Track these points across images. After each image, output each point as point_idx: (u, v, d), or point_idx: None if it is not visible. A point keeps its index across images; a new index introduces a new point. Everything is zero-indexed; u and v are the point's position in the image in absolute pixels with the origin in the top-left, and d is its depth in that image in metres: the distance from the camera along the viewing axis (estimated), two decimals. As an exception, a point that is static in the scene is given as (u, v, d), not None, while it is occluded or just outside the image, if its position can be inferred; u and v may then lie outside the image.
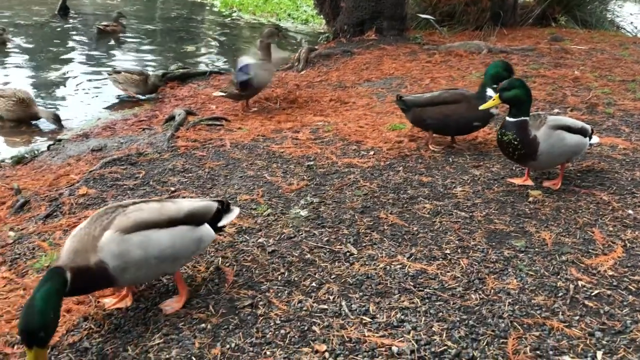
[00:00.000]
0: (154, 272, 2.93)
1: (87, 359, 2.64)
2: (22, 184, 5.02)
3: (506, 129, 4.12)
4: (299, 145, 5.59)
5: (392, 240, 3.69)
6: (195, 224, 2.99)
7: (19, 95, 7.20)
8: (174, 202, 3.04)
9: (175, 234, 2.88)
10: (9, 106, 7.20)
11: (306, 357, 2.61)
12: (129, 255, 2.71)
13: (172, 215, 2.90)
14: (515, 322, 2.84)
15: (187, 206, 3.01)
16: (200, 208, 3.05)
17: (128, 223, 2.75)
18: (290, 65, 10.38)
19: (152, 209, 2.87)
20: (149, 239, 2.78)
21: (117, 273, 2.69)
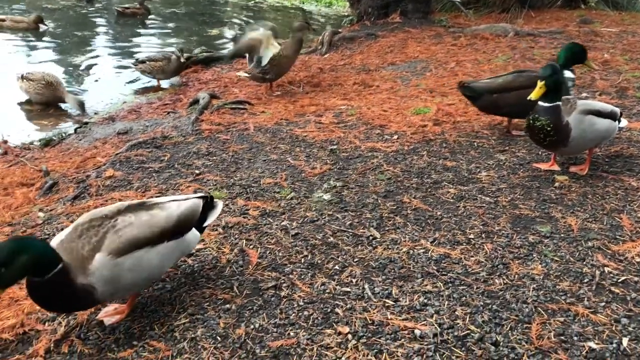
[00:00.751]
0: (133, 291, 2.80)
1: (114, 337, 2.70)
2: (51, 166, 5.12)
3: (540, 115, 4.02)
4: (322, 129, 5.58)
5: (415, 224, 3.68)
6: (184, 231, 2.86)
7: (47, 78, 7.32)
8: (162, 207, 2.83)
9: (166, 252, 2.76)
10: (38, 89, 7.32)
11: (329, 339, 2.63)
12: (120, 280, 2.57)
13: (162, 227, 2.74)
14: (540, 307, 2.83)
15: (176, 212, 2.83)
16: (188, 212, 2.88)
17: (120, 244, 2.57)
18: (314, 49, 10.34)
19: (142, 223, 2.68)
20: (140, 262, 2.64)
21: (103, 296, 2.56)
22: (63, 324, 2.78)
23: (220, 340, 2.64)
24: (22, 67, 8.85)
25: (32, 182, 4.85)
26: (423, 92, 6.74)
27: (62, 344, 2.64)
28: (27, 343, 2.66)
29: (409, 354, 2.53)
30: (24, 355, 2.56)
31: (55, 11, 14.09)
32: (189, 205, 2.91)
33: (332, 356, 2.53)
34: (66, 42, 11.44)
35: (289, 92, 7.31)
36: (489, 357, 2.50)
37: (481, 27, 10.44)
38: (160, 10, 15.39)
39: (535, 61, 7.94)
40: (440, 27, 10.96)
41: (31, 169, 5.14)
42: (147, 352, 2.58)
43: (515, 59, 8.17)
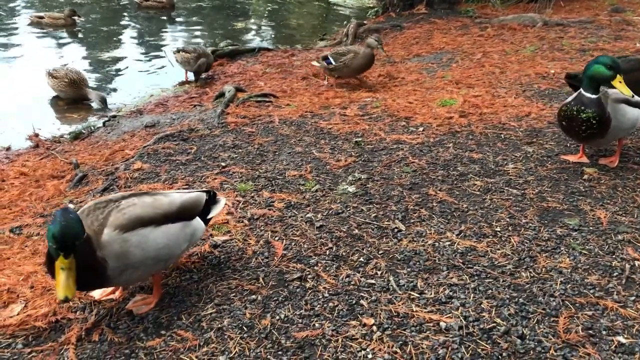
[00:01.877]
0: (147, 273, 2.81)
1: (143, 327, 2.75)
2: (80, 159, 5.22)
3: (587, 106, 3.91)
4: (346, 121, 5.58)
5: (441, 217, 3.66)
6: (188, 218, 2.92)
7: (70, 76, 7.42)
8: (166, 195, 2.93)
9: (171, 232, 2.80)
10: (62, 87, 7.45)
11: (354, 330, 2.65)
12: (129, 257, 2.61)
13: (166, 210, 2.80)
14: (567, 301, 2.79)
15: (179, 199, 2.91)
16: (191, 200, 2.96)
17: (124, 220, 2.62)
18: (339, 41, 10.32)
19: (145, 204, 2.76)
20: (146, 239, 2.67)
21: (114, 274, 2.59)
22: (94, 313, 2.84)
23: (246, 331, 2.67)
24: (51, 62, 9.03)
25: (62, 174, 4.95)
26: (449, 84, 6.67)
27: (92, 332, 2.70)
28: (60, 331, 2.72)
29: (434, 346, 2.53)
30: (56, 342, 2.63)
31: (84, 6, 14.30)
32: (192, 195, 3.01)
33: (357, 347, 2.54)
34: (94, 36, 11.61)
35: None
36: (515, 350, 2.49)
37: (509, 18, 10.29)
38: (186, 3, 15.50)
39: (564, 52, 7.80)
40: (466, 18, 10.83)
41: (61, 162, 5.25)
42: (174, 342, 2.62)
43: (543, 49, 8.04)
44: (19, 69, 9.10)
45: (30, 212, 4.12)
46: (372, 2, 14.84)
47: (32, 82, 8.13)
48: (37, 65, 8.68)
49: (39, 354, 2.57)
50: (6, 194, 4.52)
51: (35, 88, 7.94)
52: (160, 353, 2.56)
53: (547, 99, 5.91)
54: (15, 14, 13.30)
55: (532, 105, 5.71)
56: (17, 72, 8.89)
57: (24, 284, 3.07)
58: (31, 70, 8.65)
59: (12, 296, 2.97)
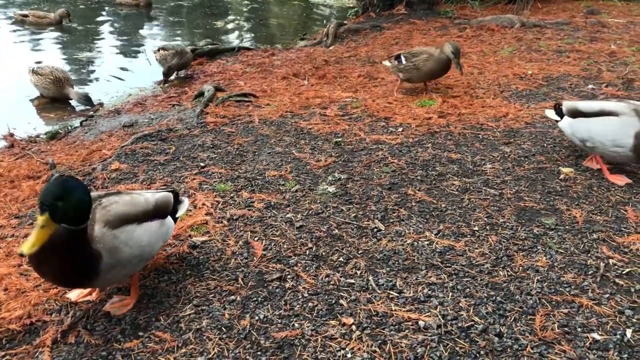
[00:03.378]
0: (130, 271, 2.80)
1: (120, 328, 2.72)
2: (57, 159, 5.14)
3: None
4: (327, 121, 5.58)
5: (419, 216, 3.68)
6: (162, 216, 2.95)
7: (55, 74, 7.32)
8: (139, 194, 2.95)
9: (152, 230, 2.83)
10: (46, 84, 7.34)
11: (333, 330, 2.65)
12: (119, 253, 2.61)
13: (144, 208, 2.83)
14: (544, 299, 2.83)
15: (152, 198, 2.93)
16: (164, 199, 2.99)
17: (110, 217, 2.62)
18: (319, 41, 10.32)
19: (125, 202, 2.76)
20: (131, 236, 2.68)
21: (105, 269, 2.57)
22: (70, 315, 2.80)
23: (225, 331, 2.66)
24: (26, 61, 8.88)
25: (38, 174, 4.87)
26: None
27: (68, 334, 2.66)
28: (34, 334, 2.68)
29: (412, 344, 2.54)
30: (31, 345, 2.59)
31: (61, 4, 14.09)
32: (163, 194, 3.04)
33: (337, 347, 2.54)
34: (71, 35, 11.45)
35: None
36: (493, 348, 2.51)
37: (487, 19, 10.39)
38: (165, 2, 15.37)
39: (542, 52, 7.90)
40: (445, 19, 10.91)
41: (37, 162, 5.16)
42: (152, 343, 2.60)
43: (521, 50, 8.13)
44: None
45: (5, 213, 4.04)
46: (352, 2, 14.88)
47: (7, 80, 8.00)
48: (11, 64, 8.54)
49: (13, 357, 2.53)
50: (-20, 195, 4.44)
51: (10, 87, 7.80)
52: (138, 355, 2.53)
53: (525, 99, 5.98)
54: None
55: (509, 105, 5.77)
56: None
57: (-2, 286, 3.02)
58: (5, 69, 8.50)
59: (-14, 299, 2.92)
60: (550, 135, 4.95)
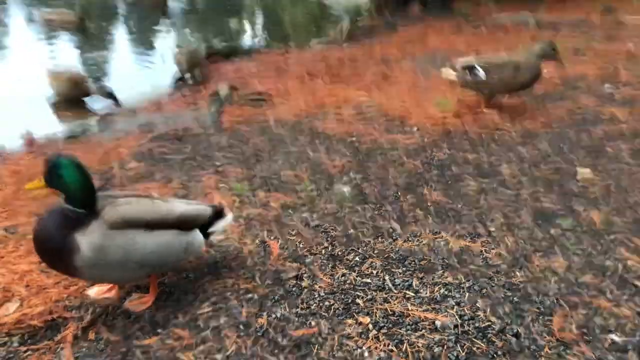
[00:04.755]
0: (128, 275, 2.76)
1: (139, 325, 2.75)
2: (75, 158, 5.20)
3: None
4: (342, 122, 5.59)
5: (436, 217, 3.68)
6: (186, 228, 2.83)
7: (73, 75, 7.42)
8: (167, 201, 2.90)
9: (163, 239, 2.72)
10: (64, 86, 7.43)
11: (350, 329, 2.66)
12: (107, 253, 2.54)
13: (162, 216, 2.74)
14: (562, 300, 2.82)
15: (179, 209, 2.84)
16: (193, 212, 2.89)
17: (115, 216, 2.58)
18: (333, 40, 10.33)
19: (141, 206, 2.71)
20: (133, 242, 2.61)
21: (83, 264, 2.51)
22: (89, 311, 2.84)
23: (242, 329, 2.68)
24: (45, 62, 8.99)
25: (56, 173, 4.93)
26: (443, 84, 6.69)
27: (88, 331, 2.69)
28: (55, 330, 2.72)
29: (429, 344, 2.54)
30: (52, 341, 2.63)
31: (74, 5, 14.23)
32: (194, 207, 2.94)
33: (353, 346, 2.55)
34: (88, 35, 11.56)
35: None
36: (510, 348, 2.51)
37: (502, 17, 10.34)
38: (181, 2, 15.46)
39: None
40: (460, 18, 10.87)
41: (56, 161, 5.22)
42: (171, 340, 2.63)
43: (536, 50, 8.07)
44: (13, 68, 9.05)
45: (25, 211, 4.09)
46: (366, 1, 14.87)
47: (26, 81, 8.10)
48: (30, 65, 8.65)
49: (35, 352, 2.57)
50: (0, 193, 4.50)
51: (29, 87, 7.90)
52: (156, 351, 2.56)
53: (540, 99, 5.94)
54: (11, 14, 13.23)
55: (525, 106, 5.74)
56: (11, 71, 8.84)
57: (19, 282, 3.06)
58: (25, 70, 8.60)
59: (7, 295, 2.96)
60: (566, 136, 4.92)
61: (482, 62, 5.37)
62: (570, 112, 5.53)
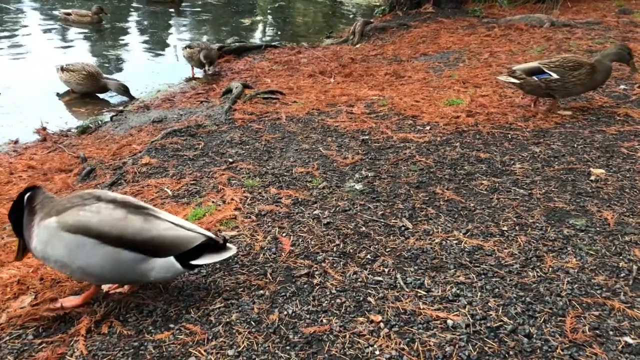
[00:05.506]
0: (76, 276, 2.81)
1: (152, 320, 2.76)
2: (88, 153, 5.24)
3: None
4: (353, 119, 5.59)
5: (448, 215, 3.67)
6: (152, 254, 2.67)
7: (87, 69, 7.48)
8: (150, 221, 2.72)
9: (112, 257, 2.63)
10: (79, 80, 7.49)
11: (361, 327, 2.66)
12: (48, 250, 2.64)
13: (125, 234, 2.63)
14: (574, 300, 2.80)
15: (156, 231, 2.68)
16: (169, 238, 2.69)
17: (71, 220, 2.61)
18: (346, 39, 10.32)
19: (106, 217, 2.64)
20: (80, 249, 2.60)
21: (36, 253, 2.72)
22: (102, 305, 2.86)
23: (254, 325, 2.69)
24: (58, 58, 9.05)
25: (70, 168, 4.98)
26: (456, 83, 6.68)
27: (102, 324, 2.72)
28: (69, 323, 2.74)
29: (441, 343, 2.54)
30: (66, 334, 2.65)
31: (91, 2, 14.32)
32: (178, 234, 2.72)
33: (365, 344, 2.55)
34: (101, 32, 11.62)
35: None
36: (522, 348, 2.50)
37: (516, 18, 10.27)
38: (193, 0, 15.51)
39: (572, 52, 7.78)
40: (473, 18, 10.82)
41: (69, 155, 5.28)
42: (183, 335, 2.64)
43: (550, 50, 8.03)
44: (28, 63, 9.13)
45: (39, 205, 4.13)
46: (379, 0, 14.84)
47: (40, 76, 8.17)
48: (44, 61, 8.72)
49: (49, 345, 2.59)
50: (15, 187, 4.55)
51: (43, 82, 7.98)
52: (169, 346, 2.57)
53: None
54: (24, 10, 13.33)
55: (539, 105, 5.70)
56: (26, 67, 8.92)
57: (34, 275, 3.10)
58: (39, 65, 8.68)
59: (22, 288, 2.99)
60: (580, 136, 4.88)
61: (545, 65, 5.37)
62: (585, 112, 5.49)
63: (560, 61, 5.36)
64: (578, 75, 5.22)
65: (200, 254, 2.75)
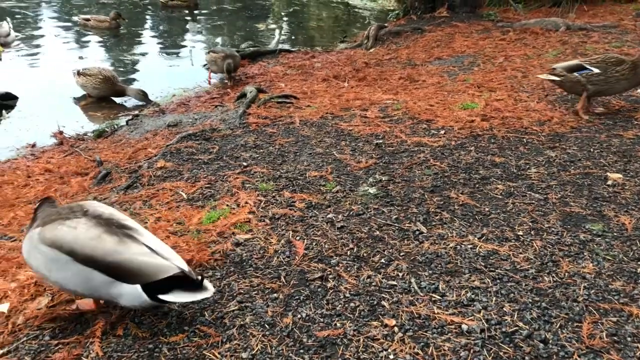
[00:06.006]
0: (56, 288, 2.89)
1: (166, 322, 2.78)
2: (104, 157, 5.29)
3: None
4: (367, 123, 5.58)
5: (462, 220, 3.65)
6: (120, 278, 2.55)
7: (104, 73, 7.56)
8: (125, 243, 2.60)
9: (84, 276, 2.58)
10: (96, 84, 7.58)
11: (375, 331, 2.65)
12: (31, 261, 2.71)
13: (96, 254, 2.55)
14: (591, 306, 2.77)
15: (127, 254, 2.56)
16: (136, 265, 2.54)
17: (49, 235, 2.62)
18: (359, 43, 10.33)
19: (83, 234, 2.60)
20: (55, 263, 2.60)
21: (24, 258, 2.79)
22: (118, 307, 2.88)
23: (268, 328, 2.69)
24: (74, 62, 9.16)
25: (86, 171, 5.03)
26: (470, 87, 6.65)
27: (117, 326, 2.73)
28: (85, 324, 2.77)
29: (455, 348, 2.52)
30: (82, 336, 2.67)
31: (107, 6, 14.48)
32: (148, 260, 2.56)
33: (379, 348, 2.54)
34: (117, 37, 11.74)
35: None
36: (538, 354, 2.47)
37: (531, 22, 10.22)
38: (208, 5, 15.62)
39: (588, 56, 7.72)
40: (488, 22, 10.78)
41: (85, 159, 5.33)
42: (197, 337, 2.65)
43: (566, 54, 7.97)
44: (45, 68, 9.25)
45: (56, 207, 4.18)
46: (393, 5, 14.84)
47: (57, 81, 8.27)
48: (61, 65, 8.82)
49: (66, 346, 2.61)
50: (32, 190, 4.61)
51: (60, 87, 8.07)
52: (183, 348, 2.58)
53: (570, 103, 5.86)
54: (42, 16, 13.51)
55: (554, 109, 5.67)
56: (43, 72, 9.04)
57: (50, 277, 3.12)
58: (56, 70, 8.79)
59: (39, 289, 3.03)
60: (597, 140, 4.83)
61: (588, 62, 5.40)
62: (601, 116, 5.44)
63: (602, 57, 5.39)
64: (621, 70, 5.21)
65: (171, 288, 2.55)
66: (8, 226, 3.95)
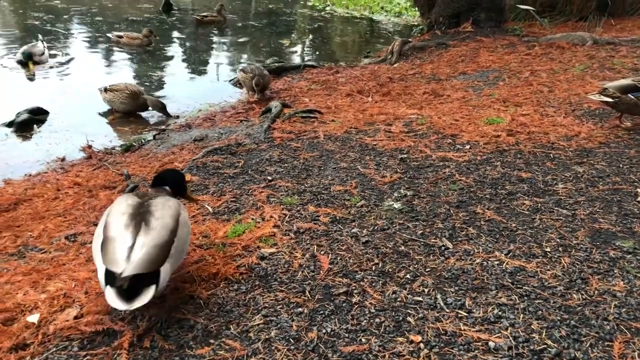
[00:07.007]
0: None
1: (192, 335, 2.80)
2: (131, 170, 5.37)
3: None
4: (392, 137, 5.58)
5: (489, 236, 3.62)
6: None
7: (130, 88, 7.70)
8: (109, 230, 2.83)
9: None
10: (123, 99, 7.72)
11: (401, 347, 2.63)
12: None
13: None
14: (622, 325, 2.71)
15: (99, 237, 2.86)
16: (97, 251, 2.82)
17: None
18: (383, 58, 10.36)
19: (117, 207, 3.01)
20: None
21: None
22: (145, 319, 2.91)
23: (293, 343, 2.69)
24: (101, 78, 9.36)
25: (114, 185, 5.11)
26: (496, 102, 6.62)
27: (144, 338, 2.76)
28: (112, 336, 2.80)
29: (482, 366, 2.49)
30: (110, 347, 2.70)
31: (136, 22, 14.79)
32: (95, 253, 2.84)
33: (404, 364, 2.52)
34: (144, 53, 11.96)
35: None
36: (568, 373, 2.43)
37: (557, 36, 10.14)
38: (234, 22, 15.86)
39: (616, 71, 7.63)
40: (513, 36, 10.73)
41: (113, 173, 5.41)
42: (223, 351, 2.66)
43: (593, 68, 7.88)
44: (75, 83, 9.45)
45: (84, 220, 4.26)
46: (417, 20, 14.87)
47: (87, 96, 8.45)
48: (91, 81, 9.01)
49: (94, 357, 2.65)
50: (61, 203, 4.70)
51: (89, 102, 8.24)
52: (209, 361, 2.60)
53: (598, 118, 5.78)
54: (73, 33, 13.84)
55: (582, 125, 5.60)
56: (73, 87, 9.23)
57: (79, 289, 3.18)
58: (86, 86, 8.97)
59: (68, 301, 3.07)
60: (626, 156, 4.76)
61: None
62: (629, 131, 5.36)
63: None
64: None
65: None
66: (38, 238, 4.02)
